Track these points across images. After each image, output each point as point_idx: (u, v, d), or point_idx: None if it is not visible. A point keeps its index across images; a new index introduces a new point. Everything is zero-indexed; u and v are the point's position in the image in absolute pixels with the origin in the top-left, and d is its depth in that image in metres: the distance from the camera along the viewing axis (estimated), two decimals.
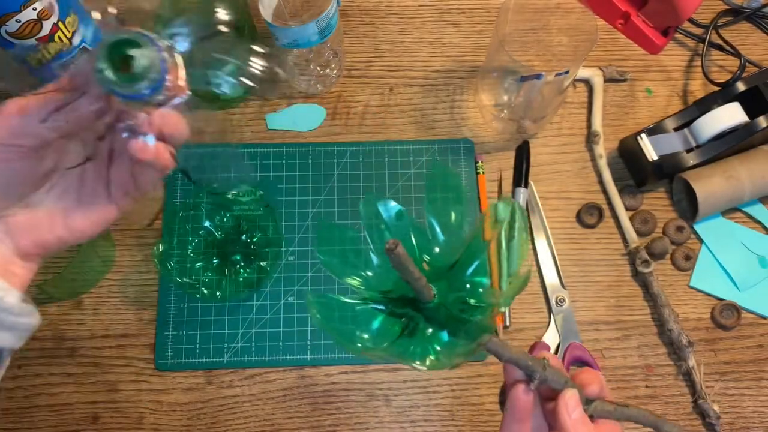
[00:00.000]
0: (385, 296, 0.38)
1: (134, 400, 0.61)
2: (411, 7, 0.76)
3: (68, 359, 0.62)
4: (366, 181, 0.68)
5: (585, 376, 0.41)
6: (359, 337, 0.36)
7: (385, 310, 0.37)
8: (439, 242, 0.39)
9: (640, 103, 0.72)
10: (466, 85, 0.73)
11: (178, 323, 0.63)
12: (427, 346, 0.36)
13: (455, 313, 0.37)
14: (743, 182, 0.64)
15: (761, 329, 0.64)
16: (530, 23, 0.68)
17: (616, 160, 0.70)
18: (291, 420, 0.61)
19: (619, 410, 0.39)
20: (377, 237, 0.39)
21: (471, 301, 0.37)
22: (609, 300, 0.65)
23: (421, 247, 0.39)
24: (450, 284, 0.38)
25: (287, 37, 0.62)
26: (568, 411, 0.38)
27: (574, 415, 0.38)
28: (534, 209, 0.67)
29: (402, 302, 0.37)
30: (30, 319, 0.39)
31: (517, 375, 0.39)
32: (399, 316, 0.37)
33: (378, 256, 0.38)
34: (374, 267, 0.38)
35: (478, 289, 0.38)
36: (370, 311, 0.37)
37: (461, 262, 0.38)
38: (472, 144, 0.70)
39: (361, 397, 0.62)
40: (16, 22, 0.53)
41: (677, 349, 0.62)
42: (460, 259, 0.38)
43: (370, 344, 0.36)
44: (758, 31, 0.75)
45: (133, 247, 0.66)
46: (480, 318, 0.36)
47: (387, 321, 0.37)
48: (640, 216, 0.67)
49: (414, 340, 0.36)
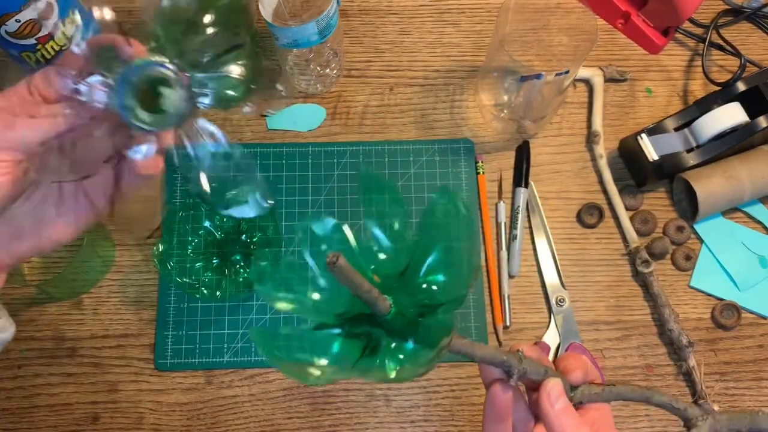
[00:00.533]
0: (341, 318, 0.36)
1: (134, 400, 0.61)
2: (411, 6, 0.76)
3: (68, 359, 0.62)
4: None
5: (567, 362, 0.40)
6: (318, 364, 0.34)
7: (342, 332, 0.35)
8: (385, 250, 0.37)
9: (641, 103, 0.72)
10: (466, 85, 0.73)
11: (177, 323, 0.63)
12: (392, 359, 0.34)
13: (415, 319, 0.35)
14: (743, 182, 0.64)
15: (761, 329, 0.64)
16: (530, 23, 0.68)
17: (616, 160, 0.70)
18: (291, 420, 0.61)
19: (606, 390, 0.38)
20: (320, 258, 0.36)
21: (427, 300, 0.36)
22: (609, 300, 0.65)
23: (367, 258, 0.37)
24: (405, 291, 0.36)
25: (287, 37, 0.62)
26: (551, 402, 0.36)
27: (558, 405, 0.36)
28: (534, 209, 0.67)
29: (360, 321, 0.36)
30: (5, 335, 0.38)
31: (494, 374, 0.38)
32: (358, 335, 0.35)
33: (324, 277, 0.36)
34: (323, 290, 0.36)
35: (432, 287, 0.36)
36: (326, 337, 0.35)
37: (412, 265, 0.36)
38: (472, 144, 0.70)
39: (361, 397, 0.62)
40: (16, 22, 0.53)
41: (677, 349, 0.62)
42: (411, 262, 0.36)
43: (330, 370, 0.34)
44: (758, 31, 0.75)
45: (133, 247, 0.66)
46: (442, 318, 0.35)
47: (346, 343, 0.35)
48: (641, 216, 0.67)
49: (377, 356, 0.34)
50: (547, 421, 0.37)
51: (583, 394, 0.38)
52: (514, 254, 0.65)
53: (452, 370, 0.63)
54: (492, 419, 0.38)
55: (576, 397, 0.38)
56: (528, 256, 0.66)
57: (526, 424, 0.40)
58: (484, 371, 0.38)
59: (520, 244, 0.66)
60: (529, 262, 0.66)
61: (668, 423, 0.61)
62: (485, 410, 0.39)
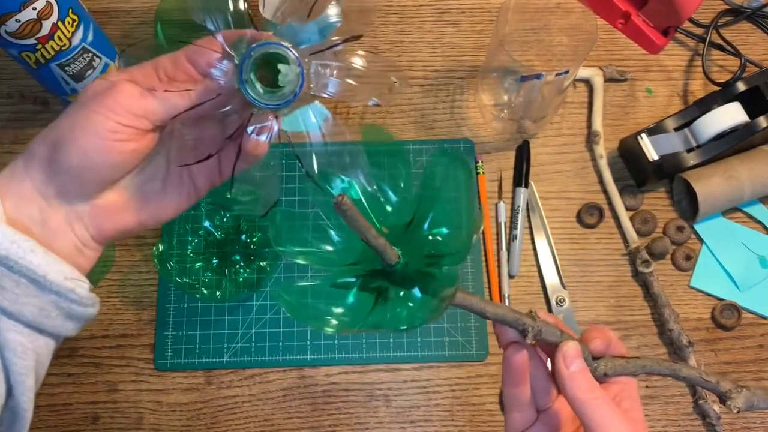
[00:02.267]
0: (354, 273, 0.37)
1: (134, 401, 0.61)
2: (411, 6, 0.76)
3: (68, 359, 0.62)
4: None
5: (589, 333, 0.38)
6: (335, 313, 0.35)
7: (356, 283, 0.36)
8: (391, 203, 0.38)
9: (641, 103, 0.72)
10: (466, 84, 0.73)
11: (177, 323, 0.63)
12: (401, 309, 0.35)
13: (422, 269, 0.36)
14: (743, 182, 0.64)
15: (761, 329, 0.64)
16: (530, 23, 0.68)
17: (616, 160, 0.70)
18: (291, 420, 0.61)
19: (632, 363, 0.37)
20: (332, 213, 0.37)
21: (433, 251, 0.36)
22: (609, 300, 0.65)
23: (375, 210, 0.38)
24: (412, 243, 0.37)
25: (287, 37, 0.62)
26: (566, 363, 0.35)
27: (573, 367, 0.35)
28: (534, 209, 0.67)
29: (372, 276, 0.36)
30: (94, 309, 0.39)
31: (510, 336, 0.37)
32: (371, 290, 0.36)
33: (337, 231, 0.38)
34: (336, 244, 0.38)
35: (437, 238, 0.37)
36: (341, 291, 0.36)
37: (416, 218, 0.37)
38: (472, 144, 0.70)
39: (361, 397, 0.62)
40: (16, 21, 0.53)
41: (677, 350, 0.62)
42: (415, 215, 0.37)
43: (346, 318, 0.35)
44: (759, 31, 0.75)
45: (133, 247, 0.66)
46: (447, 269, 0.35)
47: (360, 295, 0.36)
48: (641, 216, 0.67)
49: (388, 305, 0.35)
50: (561, 384, 0.35)
51: (606, 365, 0.37)
52: (514, 254, 0.65)
53: (452, 370, 0.63)
54: (509, 382, 0.38)
55: (599, 369, 0.37)
56: (528, 256, 0.66)
57: (547, 394, 0.39)
58: (500, 333, 0.38)
59: (520, 244, 0.66)
60: (529, 262, 0.66)
61: (667, 423, 0.61)
62: (503, 374, 0.38)
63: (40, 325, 0.36)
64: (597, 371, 0.37)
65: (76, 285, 0.37)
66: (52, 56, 0.58)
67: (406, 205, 0.38)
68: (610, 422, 0.34)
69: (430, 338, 0.63)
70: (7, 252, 0.34)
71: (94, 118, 0.36)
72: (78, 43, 0.59)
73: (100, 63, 0.63)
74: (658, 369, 0.37)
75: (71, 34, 0.58)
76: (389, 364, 0.63)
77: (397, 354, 0.63)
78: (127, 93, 0.36)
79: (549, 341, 0.37)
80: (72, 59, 0.59)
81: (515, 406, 0.38)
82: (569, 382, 0.35)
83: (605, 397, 0.35)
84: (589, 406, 0.34)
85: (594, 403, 0.34)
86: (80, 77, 0.61)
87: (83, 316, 0.38)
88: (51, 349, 0.38)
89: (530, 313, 0.36)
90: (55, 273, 0.35)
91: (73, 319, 0.38)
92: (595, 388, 0.35)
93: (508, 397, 0.38)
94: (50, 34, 0.56)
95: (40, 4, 0.53)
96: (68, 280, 0.36)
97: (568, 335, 0.37)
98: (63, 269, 0.36)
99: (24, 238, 0.35)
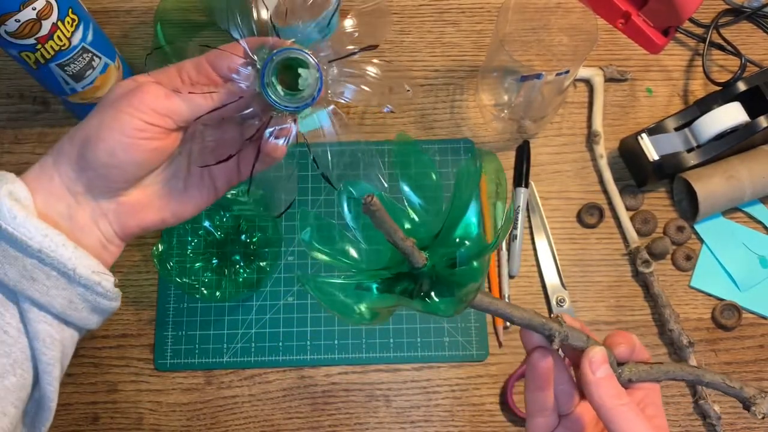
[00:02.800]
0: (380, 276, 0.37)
1: (134, 401, 0.61)
2: (411, 6, 0.76)
3: None
4: None
5: (614, 338, 0.38)
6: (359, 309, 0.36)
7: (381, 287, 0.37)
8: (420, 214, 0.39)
9: (641, 103, 0.72)
10: (466, 84, 0.73)
11: (177, 323, 0.63)
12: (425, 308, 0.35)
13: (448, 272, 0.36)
14: (744, 182, 0.64)
15: (762, 329, 0.64)
16: (530, 23, 0.68)
17: (616, 160, 0.70)
18: (291, 420, 0.61)
19: (656, 368, 0.37)
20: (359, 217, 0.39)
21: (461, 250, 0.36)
22: (609, 300, 0.65)
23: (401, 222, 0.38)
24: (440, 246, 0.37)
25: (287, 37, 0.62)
26: (592, 369, 0.35)
27: (599, 373, 0.35)
28: (534, 209, 0.67)
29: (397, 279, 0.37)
30: (117, 303, 0.40)
31: (535, 341, 0.37)
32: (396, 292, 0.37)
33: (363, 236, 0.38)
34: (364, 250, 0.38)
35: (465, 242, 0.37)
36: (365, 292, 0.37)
37: (446, 228, 0.37)
38: (472, 144, 0.70)
39: (361, 397, 0.62)
40: (16, 21, 0.53)
41: (678, 350, 0.62)
42: (444, 226, 0.37)
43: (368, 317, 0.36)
44: (759, 31, 0.75)
45: (133, 247, 0.66)
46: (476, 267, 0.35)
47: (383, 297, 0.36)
48: (641, 216, 0.67)
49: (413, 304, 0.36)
50: (587, 389, 0.35)
51: (630, 371, 0.37)
52: (514, 254, 0.65)
53: (452, 371, 0.62)
54: (533, 387, 0.38)
55: (624, 375, 0.37)
56: (528, 257, 0.66)
57: (570, 399, 0.39)
58: (526, 337, 0.38)
59: (520, 244, 0.66)
60: (529, 262, 0.66)
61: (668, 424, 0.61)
62: (526, 378, 0.38)
63: (68, 317, 0.38)
64: (622, 377, 0.37)
65: (102, 278, 0.38)
66: (51, 56, 0.58)
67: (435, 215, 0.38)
68: (635, 429, 0.34)
69: (430, 338, 0.63)
70: (40, 245, 0.35)
71: (121, 116, 0.37)
72: (78, 43, 0.59)
73: (100, 63, 0.63)
74: (682, 375, 0.37)
75: (71, 34, 0.58)
76: (389, 365, 0.63)
77: (397, 354, 0.63)
78: (153, 93, 0.37)
79: (575, 346, 0.36)
80: (72, 59, 0.59)
81: (539, 411, 0.38)
82: (595, 388, 0.35)
83: (631, 404, 0.34)
84: (616, 413, 0.34)
85: (620, 409, 0.34)
86: (80, 77, 0.61)
87: (107, 309, 0.40)
88: (75, 341, 0.40)
89: (557, 317, 0.36)
90: (84, 267, 0.37)
91: (97, 312, 0.39)
92: (622, 395, 0.35)
93: (532, 402, 0.38)
94: (50, 33, 0.56)
95: (39, 3, 0.53)
96: (95, 273, 0.38)
97: (594, 341, 0.37)
98: (90, 263, 0.37)
99: (56, 232, 0.36)
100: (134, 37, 0.74)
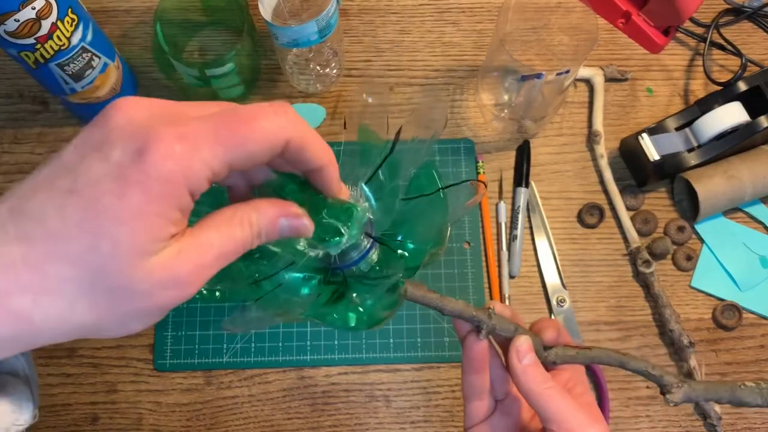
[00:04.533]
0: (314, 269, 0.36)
1: (133, 401, 0.61)
2: (411, 6, 0.76)
3: (67, 360, 0.62)
4: None
5: (541, 324, 0.40)
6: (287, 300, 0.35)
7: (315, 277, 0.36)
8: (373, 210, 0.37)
9: (641, 103, 0.72)
10: (467, 84, 0.72)
11: (177, 324, 0.63)
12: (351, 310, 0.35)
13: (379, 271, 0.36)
14: (744, 182, 0.64)
15: (762, 329, 0.64)
16: (531, 22, 0.68)
17: (617, 159, 0.69)
18: (290, 421, 0.61)
19: (581, 354, 0.38)
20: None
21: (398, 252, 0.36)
22: (610, 300, 0.65)
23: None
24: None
25: (287, 37, 0.62)
26: (518, 357, 0.37)
27: (525, 361, 0.37)
28: (535, 209, 0.67)
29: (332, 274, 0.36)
30: (25, 417, 0.34)
31: (467, 327, 0.39)
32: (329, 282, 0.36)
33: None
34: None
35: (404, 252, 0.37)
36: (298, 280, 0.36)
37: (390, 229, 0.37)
38: (473, 144, 0.69)
39: (361, 397, 0.62)
40: (15, 21, 0.53)
41: (678, 350, 0.62)
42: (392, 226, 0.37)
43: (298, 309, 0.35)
44: (759, 31, 0.75)
45: None
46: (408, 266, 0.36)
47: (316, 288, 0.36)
48: (641, 216, 0.67)
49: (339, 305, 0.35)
50: (515, 377, 0.37)
51: (557, 354, 0.38)
52: (514, 254, 0.65)
53: (452, 371, 0.62)
54: (469, 370, 0.39)
55: (550, 357, 0.38)
56: (528, 257, 0.66)
57: (504, 383, 0.41)
58: (459, 325, 0.39)
59: (520, 244, 0.66)
60: (529, 262, 0.66)
61: (668, 424, 0.61)
62: (462, 362, 0.39)
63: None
64: (548, 359, 0.38)
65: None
66: (51, 56, 0.58)
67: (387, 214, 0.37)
68: (564, 410, 0.35)
69: (431, 339, 0.63)
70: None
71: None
72: (77, 43, 0.59)
73: (100, 62, 0.62)
74: (607, 359, 0.38)
75: (70, 34, 0.57)
76: (389, 365, 0.63)
77: (397, 354, 0.62)
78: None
79: (503, 336, 0.38)
80: (71, 59, 0.59)
81: (476, 394, 0.40)
82: (523, 375, 0.37)
83: (557, 387, 0.36)
84: (543, 396, 0.36)
85: (548, 392, 0.36)
86: (79, 77, 0.61)
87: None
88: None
89: (487, 309, 0.38)
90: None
91: None
92: (548, 379, 0.36)
93: (468, 386, 0.40)
94: (49, 33, 0.56)
95: (39, 3, 0.53)
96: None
97: (522, 329, 0.38)
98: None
99: None
100: (134, 36, 0.73)
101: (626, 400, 0.62)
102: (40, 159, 0.69)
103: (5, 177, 0.68)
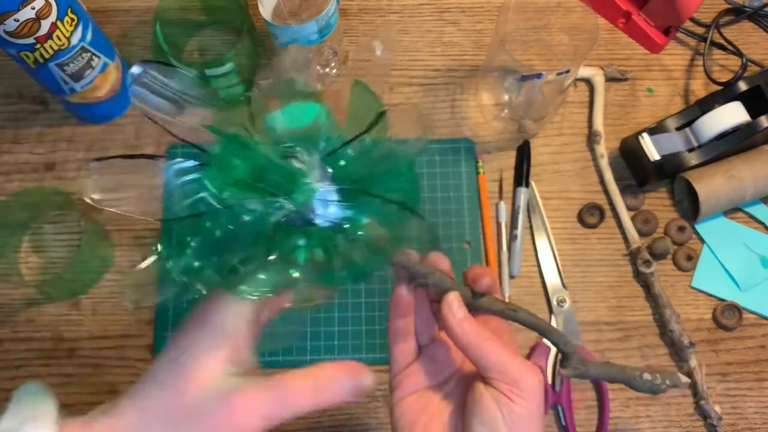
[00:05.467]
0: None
1: None
2: (411, 6, 0.76)
3: (67, 360, 0.62)
4: None
5: (476, 271, 0.42)
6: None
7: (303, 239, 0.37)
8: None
9: (642, 103, 0.72)
10: (467, 84, 0.72)
11: (177, 324, 0.63)
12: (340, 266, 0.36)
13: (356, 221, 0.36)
14: (745, 182, 0.64)
15: (763, 330, 0.64)
16: (531, 22, 0.68)
17: (617, 159, 0.69)
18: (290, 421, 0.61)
19: (507, 310, 0.40)
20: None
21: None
22: (610, 300, 0.65)
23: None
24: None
25: (286, 36, 0.62)
26: (452, 312, 0.39)
27: (459, 314, 0.39)
28: (535, 209, 0.67)
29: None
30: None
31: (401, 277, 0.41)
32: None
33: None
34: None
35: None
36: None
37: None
38: (473, 144, 0.69)
39: (362, 398, 0.62)
40: (15, 21, 0.53)
41: (678, 350, 0.62)
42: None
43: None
44: (760, 31, 0.75)
45: (132, 247, 0.66)
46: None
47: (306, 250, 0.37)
48: (642, 216, 0.67)
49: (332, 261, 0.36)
50: (450, 330, 0.39)
51: (485, 302, 0.40)
52: (514, 254, 0.65)
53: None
54: (396, 315, 0.42)
55: (477, 303, 0.40)
56: (529, 257, 0.66)
57: (429, 328, 0.43)
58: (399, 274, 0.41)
59: (520, 244, 0.65)
60: (529, 262, 0.66)
61: (669, 424, 0.61)
62: (389, 310, 0.42)
63: None
64: (480, 306, 0.40)
65: None
66: (50, 55, 0.57)
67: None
68: (504, 360, 0.37)
69: None
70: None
71: None
72: (77, 43, 0.59)
73: (99, 62, 0.62)
74: (527, 321, 0.40)
75: (70, 34, 0.57)
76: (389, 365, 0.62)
77: None
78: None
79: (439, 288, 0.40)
80: (71, 58, 0.59)
81: (401, 336, 0.42)
82: (459, 328, 0.38)
83: (494, 338, 0.38)
84: (482, 348, 0.38)
85: (486, 345, 0.38)
86: (79, 77, 0.61)
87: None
88: None
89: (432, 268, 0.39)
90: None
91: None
92: (483, 331, 0.38)
93: (394, 330, 0.42)
94: (49, 33, 0.56)
95: (38, 3, 0.53)
96: None
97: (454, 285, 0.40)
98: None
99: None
100: (133, 36, 0.73)
101: (626, 400, 0.62)
102: (39, 159, 0.69)
103: (5, 177, 0.68)
